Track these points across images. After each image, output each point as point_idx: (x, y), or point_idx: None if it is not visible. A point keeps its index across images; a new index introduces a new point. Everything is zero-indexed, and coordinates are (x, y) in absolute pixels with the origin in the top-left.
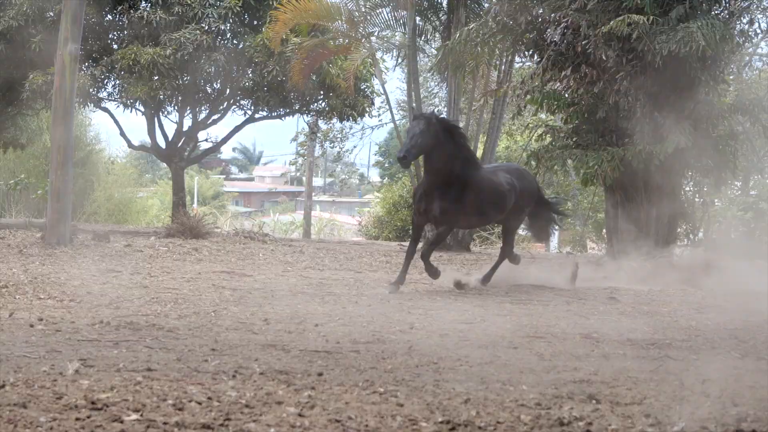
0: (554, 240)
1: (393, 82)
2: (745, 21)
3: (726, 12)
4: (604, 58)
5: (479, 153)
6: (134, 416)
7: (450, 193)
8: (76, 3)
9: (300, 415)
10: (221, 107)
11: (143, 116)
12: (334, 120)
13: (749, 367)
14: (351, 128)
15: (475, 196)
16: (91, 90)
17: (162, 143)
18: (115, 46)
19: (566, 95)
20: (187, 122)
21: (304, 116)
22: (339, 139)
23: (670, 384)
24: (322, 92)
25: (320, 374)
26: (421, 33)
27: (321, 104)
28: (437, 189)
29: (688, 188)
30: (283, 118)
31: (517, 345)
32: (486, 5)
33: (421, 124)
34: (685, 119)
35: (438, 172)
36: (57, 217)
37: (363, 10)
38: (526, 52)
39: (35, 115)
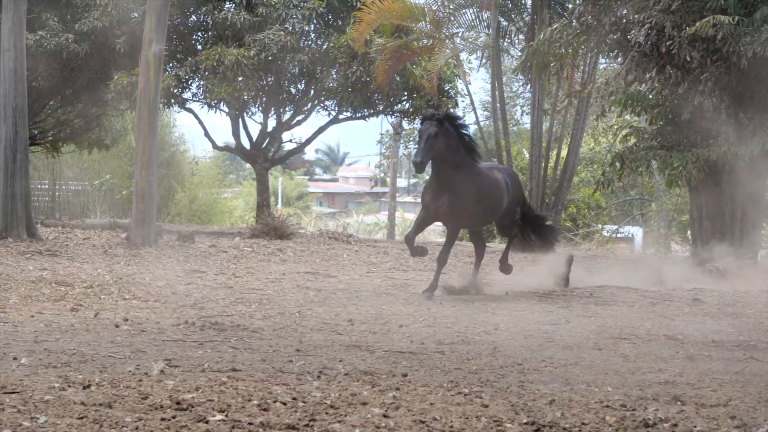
0: (638, 240)
1: (477, 82)
2: None
3: None
4: (688, 59)
5: (563, 154)
6: (219, 416)
7: (458, 188)
8: (160, 4)
9: (385, 415)
10: (305, 108)
11: (227, 117)
12: (418, 121)
13: None
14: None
15: (480, 191)
16: (175, 90)
17: (246, 144)
18: (199, 47)
19: (650, 96)
20: (272, 123)
21: (388, 117)
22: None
23: (755, 386)
24: (405, 93)
25: (405, 375)
26: (504, 34)
27: (405, 105)
28: (446, 185)
29: None
30: (367, 119)
31: (602, 346)
32: (570, 6)
33: (433, 126)
34: None
35: (447, 170)
36: (142, 217)
37: (447, 11)
38: (610, 53)
39: (120, 116)
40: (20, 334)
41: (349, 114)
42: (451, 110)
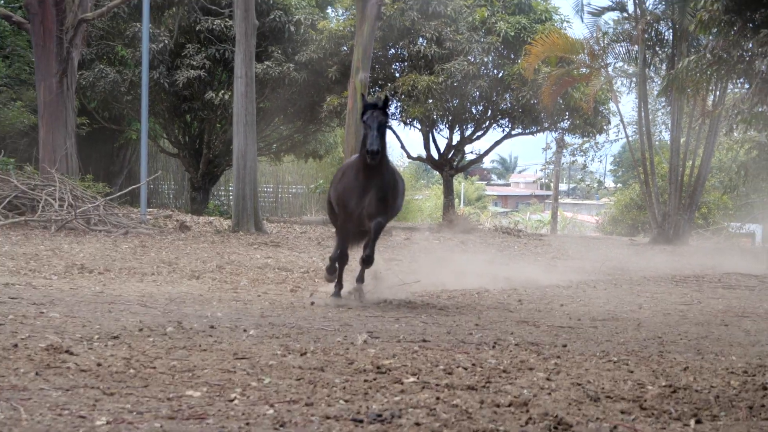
0: (759, 236)
1: (628, 104)
2: None
3: None
4: None
5: (697, 164)
6: (412, 379)
7: (386, 182)
8: (366, 39)
9: (548, 379)
10: (484, 125)
11: (420, 132)
12: (577, 136)
13: None
14: (592, 142)
15: (397, 184)
16: None
17: (435, 155)
18: (397, 75)
19: None
20: (456, 137)
21: (552, 132)
22: (584, 151)
23: None
24: (567, 113)
25: (564, 346)
26: (649, 64)
27: (566, 123)
28: (373, 180)
29: None
30: (534, 134)
31: (728, 323)
32: (704, 41)
33: (382, 114)
34: None
35: (381, 163)
36: None
37: (602, 45)
38: (738, 80)
39: (331, 131)
40: (249, 310)
41: (519, 130)
42: (385, 96)
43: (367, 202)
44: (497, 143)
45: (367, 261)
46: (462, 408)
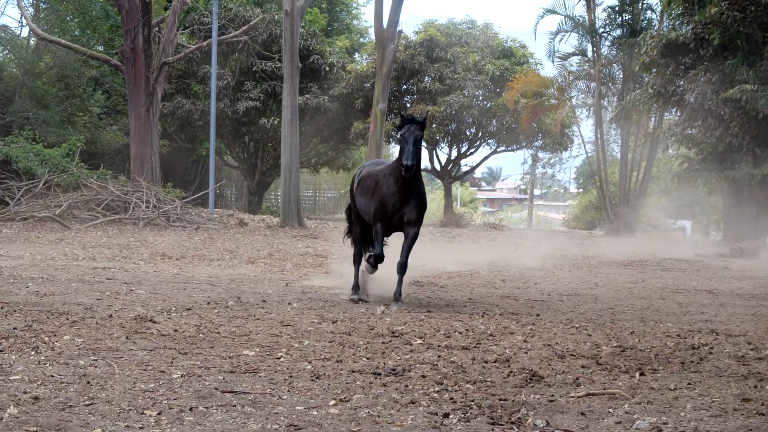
0: (688, 230)
1: (587, 126)
2: None
3: None
4: (722, 113)
5: (641, 173)
6: (419, 341)
7: (421, 192)
8: (384, 78)
9: (525, 341)
10: (475, 144)
11: (425, 150)
12: (548, 152)
13: None
14: (559, 157)
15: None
16: (392, 133)
17: (438, 167)
18: (408, 105)
19: (698, 137)
20: (454, 154)
21: (529, 150)
22: (552, 164)
23: (764, 322)
24: (540, 134)
25: (538, 315)
26: (603, 96)
27: (539, 142)
28: (411, 191)
29: None
30: (515, 151)
31: (665, 297)
32: (646, 79)
33: (419, 129)
34: None
35: (416, 175)
36: None
37: (567, 82)
38: (672, 109)
39: (357, 149)
40: (292, 288)
41: (503, 148)
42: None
43: (407, 210)
44: (486, 158)
45: (402, 267)
46: (458, 364)
